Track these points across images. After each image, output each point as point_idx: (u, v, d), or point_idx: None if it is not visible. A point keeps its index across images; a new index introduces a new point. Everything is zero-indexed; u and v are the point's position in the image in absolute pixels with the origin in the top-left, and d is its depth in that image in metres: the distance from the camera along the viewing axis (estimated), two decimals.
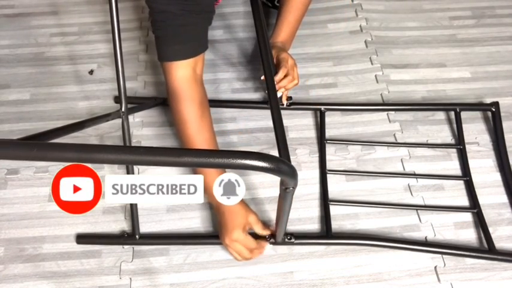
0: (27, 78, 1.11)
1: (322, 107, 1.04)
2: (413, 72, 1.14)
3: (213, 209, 0.88)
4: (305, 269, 0.85)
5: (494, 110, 1.03)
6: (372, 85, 1.11)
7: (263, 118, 1.04)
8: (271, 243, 0.85)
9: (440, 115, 1.06)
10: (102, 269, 0.85)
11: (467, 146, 1.00)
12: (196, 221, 0.90)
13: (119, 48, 0.73)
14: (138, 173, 0.95)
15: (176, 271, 0.85)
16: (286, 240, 0.85)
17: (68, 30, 1.21)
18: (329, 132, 1.02)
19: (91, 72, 1.12)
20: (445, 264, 0.85)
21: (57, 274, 0.84)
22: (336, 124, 1.04)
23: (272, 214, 0.91)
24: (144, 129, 1.03)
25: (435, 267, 0.85)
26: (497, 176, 0.97)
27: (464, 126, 1.02)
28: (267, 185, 0.94)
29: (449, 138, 1.02)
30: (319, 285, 0.83)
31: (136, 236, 0.86)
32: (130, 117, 1.03)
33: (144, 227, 0.89)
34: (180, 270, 0.85)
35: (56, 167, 0.96)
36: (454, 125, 1.03)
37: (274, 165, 0.47)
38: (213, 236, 0.88)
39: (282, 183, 0.58)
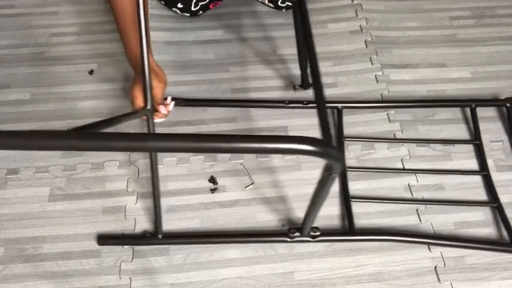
0: (27, 78, 1.11)
1: (339, 105, 1.05)
2: (413, 72, 1.14)
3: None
4: (305, 269, 0.85)
5: (509, 105, 1.04)
6: (372, 85, 1.11)
7: (263, 118, 1.04)
8: (295, 237, 0.85)
9: (441, 115, 1.06)
10: (102, 269, 0.85)
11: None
12: (196, 221, 0.90)
13: (146, 48, 0.74)
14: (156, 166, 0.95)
15: (176, 271, 0.85)
16: (311, 234, 0.85)
17: (68, 30, 1.21)
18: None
19: (91, 72, 1.12)
20: (445, 264, 0.85)
21: (57, 274, 0.84)
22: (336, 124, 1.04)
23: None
24: (144, 129, 1.02)
25: (435, 267, 0.85)
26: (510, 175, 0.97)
27: (463, 125, 1.02)
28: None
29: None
30: (319, 285, 0.83)
31: (159, 236, 0.86)
32: None
33: (144, 227, 0.89)
34: (180, 270, 0.85)
35: (56, 166, 0.96)
36: (455, 125, 1.03)
37: (324, 149, 0.48)
38: (241, 234, 0.88)
39: (326, 168, 0.57)
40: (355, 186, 0.95)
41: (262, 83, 1.11)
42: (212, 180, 0.95)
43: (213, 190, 0.94)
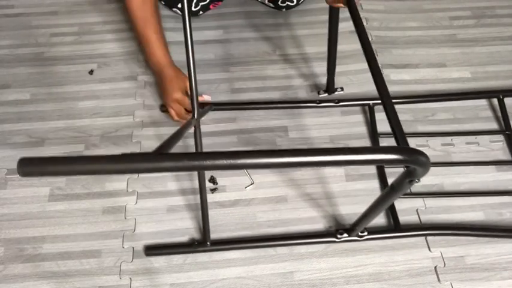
0: (27, 78, 1.11)
1: (371, 102, 1.05)
2: (413, 72, 1.14)
3: (155, 76, 1.04)
4: (305, 269, 0.85)
5: None
6: (371, 85, 1.09)
7: (263, 118, 1.04)
8: (343, 238, 0.86)
9: (440, 115, 1.06)
10: (102, 269, 0.85)
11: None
12: (195, 222, 0.90)
13: (192, 56, 0.76)
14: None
15: (176, 271, 0.85)
16: (359, 234, 0.85)
17: (68, 30, 1.21)
18: (329, 132, 1.02)
19: (91, 72, 1.13)
20: (445, 264, 0.85)
21: (57, 274, 0.84)
22: (336, 124, 1.04)
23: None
24: (144, 129, 1.03)
25: (435, 267, 0.85)
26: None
27: (465, 125, 1.02)
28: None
29: (449, 139, 1.02)
30: (319, 285, 0.83)
31: (208, 243, 0.85)
32: (130, 117, 1.04)
33: (144, 227, 0.89)
34: (180, 270, 0.85)
35: None
36: (454, 125, 1.04)
37: (414, 157, 0.46)
38: (290, 236, 0.88)
39: (408, 174, 0.54)
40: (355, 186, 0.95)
41: (262, 83, 1.11)
42: (212, 180, 0.95)
43: (213, 190, 0.94)
